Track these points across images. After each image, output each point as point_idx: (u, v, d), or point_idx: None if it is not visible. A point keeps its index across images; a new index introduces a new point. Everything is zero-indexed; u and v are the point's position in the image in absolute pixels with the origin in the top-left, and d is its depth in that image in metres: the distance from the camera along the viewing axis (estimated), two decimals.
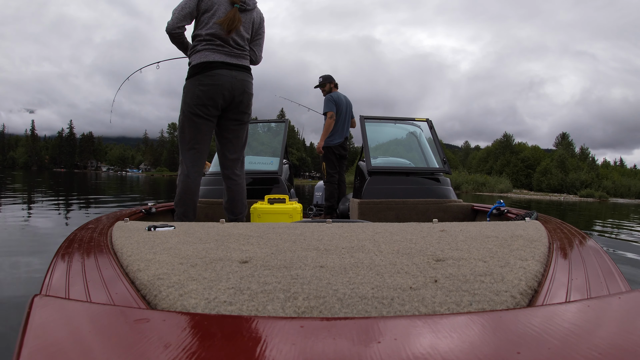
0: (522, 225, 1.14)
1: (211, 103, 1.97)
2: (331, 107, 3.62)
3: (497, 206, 2.24)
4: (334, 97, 3.65)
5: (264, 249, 0.82)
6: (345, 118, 3.70)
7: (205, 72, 1.95)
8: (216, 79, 1.96)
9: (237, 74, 2.02)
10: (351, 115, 3.83)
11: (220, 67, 1.97)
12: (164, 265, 0.66)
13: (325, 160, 3.71)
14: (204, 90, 1.95)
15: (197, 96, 1.95)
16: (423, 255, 0.76)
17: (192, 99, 1.96)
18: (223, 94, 1.98)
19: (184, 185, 1.96)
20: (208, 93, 1.95)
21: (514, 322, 0.37)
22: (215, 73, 1.96)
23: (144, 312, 0.41)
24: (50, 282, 0.59)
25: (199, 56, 1.97)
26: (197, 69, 1.96)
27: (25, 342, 0.34)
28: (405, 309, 0.49)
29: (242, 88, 2.03)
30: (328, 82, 3.78)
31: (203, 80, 1.94)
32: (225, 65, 1.99)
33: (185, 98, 1.98)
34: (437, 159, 3.03)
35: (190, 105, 1.96)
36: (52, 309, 0.41)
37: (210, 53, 1.97)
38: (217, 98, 1.98)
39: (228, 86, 1.99)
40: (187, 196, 1.95)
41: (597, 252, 0.78)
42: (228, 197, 2.13)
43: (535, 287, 0.57)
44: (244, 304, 0.50)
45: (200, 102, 1.95)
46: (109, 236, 0.97)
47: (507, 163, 44.75)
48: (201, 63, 1.96)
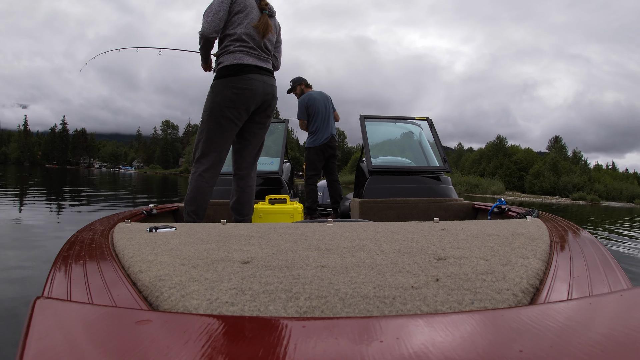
0: (523, 223, 1.14)
1: (244, 107, 1.95)
2: (302, 113, 3.56)
3: (498, 204, 2.24)
4: (305, 100, 3.55)
5: (265, 249, 0.82)
6: (325, 115, 3.58)
7: (239, 75, 1.92)
8: (250, 83, 1.94)
9: (267, 78, 2.02)
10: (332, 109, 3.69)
11: (254, 72, 1.96)
12: (165, 267, 0.66)
13: (306, 161, 3.63)
14: (238, 93, 1.92)
15: (229, 99, 1.92)
16: (424, 254, 0.76)
17: (224, 100, 1.92)
18: (255, 99, 1.97)
19: (197, 185, 1.93)
20: (242, 97, 1.93)
21: (515, 320, 0.37)
22: (249, 77, 1.94)
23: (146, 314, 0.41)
24: (52, 284, 0.59)
25: (232, 57, 1.94)
26: (231, 71, 1.93)
27: (28, 345, 0.34)
28: (407, 308, 0.49)
29: (272, 93, 2.04)
30: (298, 85, 3.68)
31: (237, 83, 1.92)
32: (258, 69, 1.98)
33: (215, 98, 1.94)
34: (437, 157, 3.02)
35: (220, 106, 1.92)
36: (54, 311, 0.41)
37: (243, 55, 1.95)
38: (250, 103, 1.96)
39: (261, 91, 1.98)
40: (200, 196, 1.92)
41: (599, 250, 0.78)
42: (238, 198, 2.10)
43: (536, 285, 0.57)
44: (246, 304, 0.50)
45: (232, 105, 1.93)
46: (110, 238, 0.97)
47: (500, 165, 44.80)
48: (235, 65, 1.93)
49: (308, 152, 3.61)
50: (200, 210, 1.93)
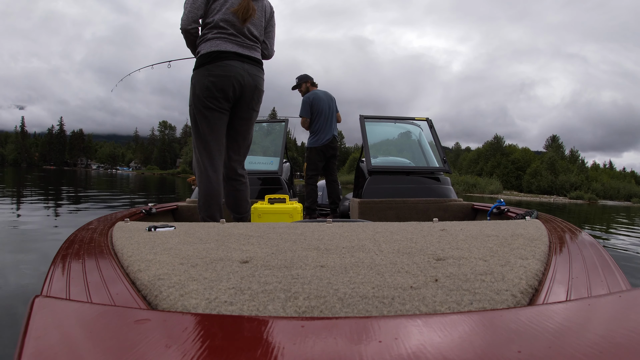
0: (523, 224, 1.14)
1: (222, 95, 1.83)
2: (305, 111, 3.54)
3: (498, 205, 2.24)
4: (310, 98, 3.54)
5: (264, 249, 0.82)
6: (328, 116, 3.59)
7: (215, 62, 1.81)
8: (227, 69, 1.82)
9: (249, 67, 1.89)
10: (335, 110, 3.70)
11: (232, 58, 1.84)
12: (164, 266, 0.66)
13: (307, 161, 3.63)
14: (214, 81, 1.81)
15: (206, 87, 1.81)
16: (423, 254, 0.76)
17: (202, 90, 1.82)
18: (233, 86, 1.84)
19: (207, 189, 1.83)
20: (218, 84, 1.82)
21: (514, 321, 0.37)
22: (225, 64, 1.82)
23: (144, 313, 0.41)
24: (51, 283, 0.59)
25: (208, 45, 1.84)
26: (207, 59, 1.82)
27: (26, 343, 0.34)
28: (406, 308, 0.49)
29: (254, 84, 1.91)
30: (304, 82, 3.68)
31: (213, 70, 1.81)
32: (237, 56, 1.85)
33: (194, 90, 1.84)
34: (437, 158, 3.02)
35: (200, 97, 1.83)
36: (52, 310, 0.41)
37: (221, 42, 1.84)
38: (228, 89, 1.84)
39: (239, 79, 1.85)
40: (212, 200, 1.83)
41: (598, 251, 0.78)
42: (234, 197, 2.02)
43: (535, 285, 0.57)
44: (245, 304, 0.50)
45: (210, 94, 1.82)
46: (110, 237, 0.97)
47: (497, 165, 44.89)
48: (211, 52, 1.82)
49: (309, 152, 3.61)
50: (216, 214, 1.84)
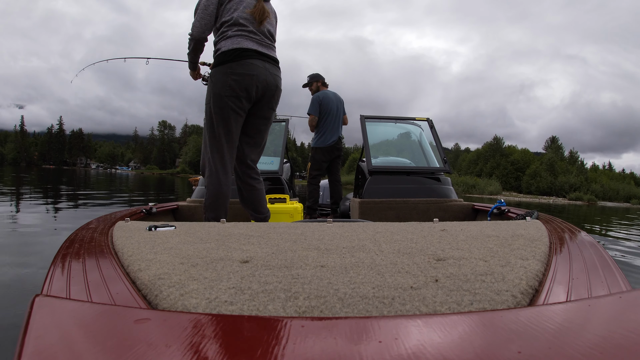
0: (523, 224, 1.14)
1: (245, 95, 1.79)
2: (314, 109, 3.56)
3: (498, 206, 2.24)
4: (320, 98, 3.56)
5: (264, 249, 0.82)
6: (336, 117, 3.62)
7: (238, 60, 1.77)
8: (250, 68, 1.78)
9: (270, 67, 1.86)
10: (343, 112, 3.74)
11: (254, 57, 1.80)
12: (164, 265, 0.66)
13: (311, 161, 3.66)
14: (237, 79, 1.76)
15: (229, 86, 1.76)
16: (424, 254, 0.76)
17: (224, 89, 1.76)
18: (256, 85, 1.80)
19: (216, 190, 1.80)
20: (242, 83, 1.77)
21: (514, 322, 0.37)
22: (249, 62, 1.78)
23: (144, 312, 0.41)
24: (51, 282, 0.59)
25: (230, 42, 1.79)
26: (229, 56, 1.77)
27: (26, 343, 0.34)
28: (406, 308, 0.49)
29: (275, 83, 1.89)
30: (315, 81, 3.72)
31: (236, 68, 1.76)
32: (259, 54, 1.82)
33: (215, 88, 1.78)
34: (437, 158, 3.02)
35: (221, 96, 1.77)
36: (53, 309, 0.41)
37: (242, 40, 1.79)
38: (251, 89, 1.79)
39: (263, 78, 1.81)
40: (219, 201, 1.81)
41: (598, 252, 0.78)
42: (254, 196, 1.97)
43: (536, 286, 0.57)
44: (245, 303, 0.50)
45: (232, 93, 1.77)
46: (110, 236, 0.97)
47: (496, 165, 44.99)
48: (234, 49, 1.77)
49: (314, 152, 3.63)
50: (222, 215, 1.81)
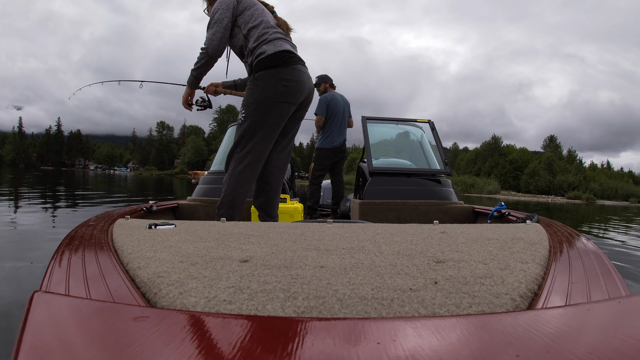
0: (523, 228, 1.14)
1: (292, 100, 1.74)
2: (322, 109, 3.58)
3: (498, 208, 2.24)
4: (327, 99, 3.59)
5: (264, 249, 0.82)
6: (342, 118, 3.65)
7: (287, 66, 1.71)
8: (299, 75, 1.73)
9: (308, 72, 1.82)
10: (349, 114, 3.77)
11: (299, 62, 1.75)
12: (164, 263, 0.66)
13: (315, 161, 3.67)
14: (288, 86, 1.70)
15: (280, 93, 1.69)
16: (423, 256, 0.76)
17: (275, 95, 1.69)
18: (303, 93, 1.77)
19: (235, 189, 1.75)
20: (292, 90, 1.71)
21: (513, 325, 0.37)
22: (297, 69, 1.73)
23: (143, 310, 0.41)
24: (51, 278, 0.59)
25: (273, 45, 1.71)
26: (277, 59, 1.68)
27: (25, 339, 0.34)
28: (405, 310, 0.49)
29: (312, 88, 1.88)
30: (323, 82, 3.75)
31: (286, 75, 1.70)
32: (300, 60, 1.77)
33: (265, 92, 1.70)
34: (438, 160, 3.02)
35: (270, 101, 1.70)
36: (51, 305, 0.41)
37: (283, 42, 1.74)
38: (299, 97, 1.75)
39: (307, 85, 1.78)
40: (237, 201, 1.76)
41: (598, 256, 0.78)
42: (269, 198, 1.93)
43: (535, 290, 0.57)
44: (244, 303, 0.50)
45: (284, 100, 1.71)
46: (110, 233, 0.97)
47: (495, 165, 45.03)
48: (281, 52, 1.69)
49: (319, 152, 3.64)
50: (235, 215, 1.78)
